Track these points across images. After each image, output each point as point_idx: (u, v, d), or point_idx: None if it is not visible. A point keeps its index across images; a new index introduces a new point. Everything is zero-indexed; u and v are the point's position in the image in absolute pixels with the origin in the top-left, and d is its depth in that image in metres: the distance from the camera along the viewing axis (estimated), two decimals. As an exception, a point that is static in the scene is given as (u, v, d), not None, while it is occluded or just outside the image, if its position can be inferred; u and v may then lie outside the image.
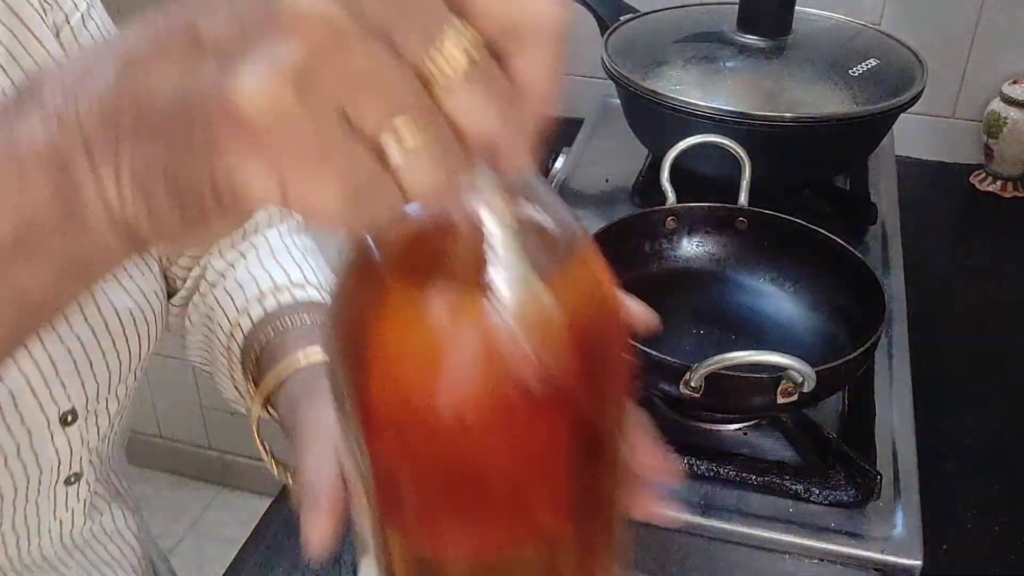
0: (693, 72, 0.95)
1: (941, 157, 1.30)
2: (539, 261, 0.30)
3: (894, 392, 0.73)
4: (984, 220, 1.20)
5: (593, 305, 0.32)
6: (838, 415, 0.72)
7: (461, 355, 0.30)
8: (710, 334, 0.76)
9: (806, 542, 0.61)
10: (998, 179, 1.22)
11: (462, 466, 0.32)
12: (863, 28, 1.05)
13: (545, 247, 0.31)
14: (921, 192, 1.22)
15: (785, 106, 0.90)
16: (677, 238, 0.82)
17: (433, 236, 0.31)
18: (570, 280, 0.31)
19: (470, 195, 0.29)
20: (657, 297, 0.79)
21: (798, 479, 0.63)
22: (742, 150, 0.81)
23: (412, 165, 0.26)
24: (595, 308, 0.32)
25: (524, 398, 0.30)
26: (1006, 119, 1.18)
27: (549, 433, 0.32)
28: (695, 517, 0.63)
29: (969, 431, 0.84)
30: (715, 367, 0.60)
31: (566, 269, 0.32)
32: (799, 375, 0.60)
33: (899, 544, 0.60)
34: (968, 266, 1.10)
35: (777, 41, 0.98)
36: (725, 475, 0.65)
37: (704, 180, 0.92)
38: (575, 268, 0.32)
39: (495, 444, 0.31)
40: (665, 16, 1.08)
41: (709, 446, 0.68)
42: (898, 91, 0.92)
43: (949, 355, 0.93)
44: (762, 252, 0.81)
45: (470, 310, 0.30)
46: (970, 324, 0.98)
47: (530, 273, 0.29)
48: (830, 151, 0.95)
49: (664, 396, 0.71)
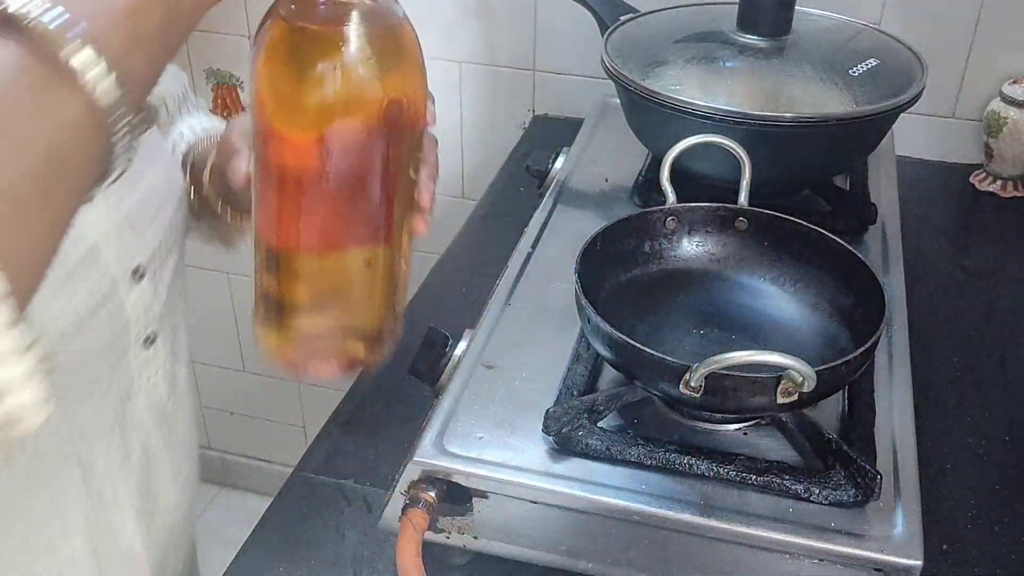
0: (693, 72, 0.95)
1: (941, 157, 1.30)
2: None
3: (894, 392, 0.73)
4: (984, 220, 1.20)
5: (396, 81, 0.47)
6: (838, 415, 0.72)
7: (315, 78, 0.44)
8: (710, 334, 0.76)
9: (806, 542, 0.61)
10: (998, 179, 1.22)
11: (302, 169, 0.47)
12: (863, 28, 1.05)
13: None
14: (921, 192, 1.22)
15: (785, 106, 0.90)
16: (677, 238, 0.82)
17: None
18: (392, 51, 0.47)
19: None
20: (657, 297, 0.80)
21: (798, 479, 0.64)
22: (742, 150, 0.81)
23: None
24: (398, 82, 0.47)
25: (350, 121, 0.45)
26: (1006, 119, 1.18)
27: (364, 154, 0.47)
28: (694, 517, 0.63)
29: (969, 431, 0.84)
30: (715, 367, 0.60)
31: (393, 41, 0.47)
32: (799, 375, 0.60)
33: (899, 544, 0.60)
34: (968, 266, 1.10)
35: (777, 41, 0.98)
36: (725, 475, 0.65)
37: (704, 180, 0.92)
38: (398, 41, 0.47)
39: (325, 152, 0.46)
40: (665, 16, 1.08)
41: (709, 446, 0.68)
42: (898, 91, 0.92)
43: (949, 355, 0.93)
44: (762, 252, 0.81)
45: (327, 47, 0.44)
46: (970, 324, 0.98)
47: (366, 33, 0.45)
48: (830, 151, 0.95)
49: (664, 396, 0.71)
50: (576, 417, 0.67)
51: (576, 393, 0.71)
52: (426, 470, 0.66)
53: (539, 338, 0.79)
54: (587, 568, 0.67)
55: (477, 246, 1.12)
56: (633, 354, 0.65)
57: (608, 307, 0.71)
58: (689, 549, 0.64)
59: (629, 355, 0.65)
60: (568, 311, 0.74)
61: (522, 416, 0.70)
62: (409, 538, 0.64)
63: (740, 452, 0.67)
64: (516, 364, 0.75)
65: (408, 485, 0.67)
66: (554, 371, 0.74)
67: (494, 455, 0.67)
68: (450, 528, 0.68)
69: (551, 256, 0.89)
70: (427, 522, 0.65)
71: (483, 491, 0.66)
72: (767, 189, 0.83)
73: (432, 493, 0.66)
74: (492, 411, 0.71)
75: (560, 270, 0.87)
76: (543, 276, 0.86)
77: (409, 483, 0.67)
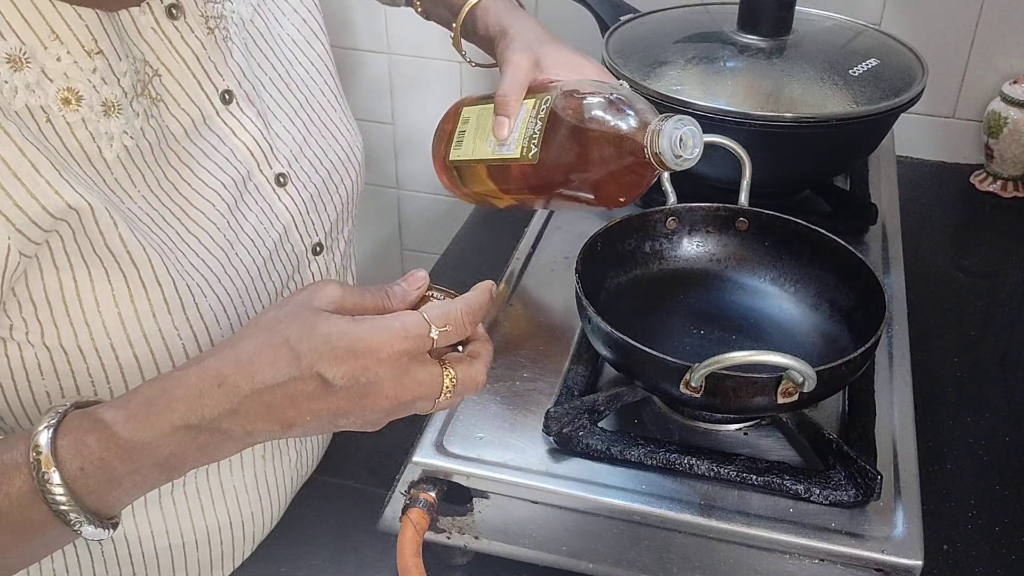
0: (693, 72, 0.95)
1: (941, 157, 1.30)
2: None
3: (894, 392, 0.73)
4: (984, 220, 1.20)
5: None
6: (838, 415, 0.72)
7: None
8: (710, 334, 0.76)
9: (806, 542, 0.61)
10: (998, 179, 1.22)
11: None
12: (863, 28, 1.05)
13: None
14: (921, 192, 1.22)
15: (785, 106, 0.90)
16: (677, 238, 0.82)
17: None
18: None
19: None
20: (657, 297, 0.80)
21: (798, 479, 0.64)
22: (742, 150, 0.81)
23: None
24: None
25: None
26: (1006, 119, 1.18)
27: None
28: (695, 517, 0.63)
29: (969, 431, 0.84)
30: (715, 367, 0.60)
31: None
32: (799, 375, 0.60)
33: (899, 544, 0.60)
34: (968, 266, 1.10)
35: (777, 41, 0.98)
36: (725, 475, 0.65)
37: (704, 180, 0.92)
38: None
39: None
40: (665, 16, 1.08)
41: (709, 446, 0.68)
42: (898, 91, 0.92)
43: (949, 355, 0.93)
44: (762, 252, 0.81)
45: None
46: (970, 324, 0.98)
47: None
48: (830, 151, 0.95)
49: (664, 396, 0.71)
50: (576, 417, 0.67)
51: (576, 393, 0.71)
52: (426, 470, 0.66)
53: (539, 338, 0.79)
54: (588, 568, 0.67)
55: (477, 246, 1.12)
56: (633, 354, 0.65)
57: (608, 307, 0.71)
58: (689, 549, 0.64)
59: (629, 355, 0.65)
60: (568, 311, 0.74)
61: (522, 416, 0.70)
62: (409, 538, 0.64)
63: (740, 452, 0.67)
64: (516, 364, 0.75)
65: (408, 485, 0.67)
66: (554, 371, 0.74)
67: (494, 455, 0.67)
68: (450, 528, 0.68)
69: (551, 256, 0.89)
70: (427, 522, 0.65)
71: (483, 491, 0.66)
72: (767, 189, 0.83)
73: (432, 493, 0.66)
74: (492, 411, 0.71)
75: (560, 270, 0.87)
76: (543, 276, 0.86)
77: (409, 483, 0.67)
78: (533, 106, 0.71)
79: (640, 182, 0.68)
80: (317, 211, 0.72)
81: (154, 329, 0.58)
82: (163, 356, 0.59)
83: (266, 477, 0.73)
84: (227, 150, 0.65)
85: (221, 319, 0.62)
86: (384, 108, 1.53)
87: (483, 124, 0.75)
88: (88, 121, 0.55)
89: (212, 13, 0.64)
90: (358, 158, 0.78)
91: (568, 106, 0.69)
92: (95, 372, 0.57)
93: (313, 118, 0.74)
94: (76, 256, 0.54)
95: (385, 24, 1.45)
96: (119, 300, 0.56)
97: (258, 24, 0.70)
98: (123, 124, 0.57)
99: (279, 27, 0.73)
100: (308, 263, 0.73)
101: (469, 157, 0.75)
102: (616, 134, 0.66)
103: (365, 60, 1.49)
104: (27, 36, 0.52)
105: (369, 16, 1.45)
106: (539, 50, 0.76)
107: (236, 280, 0.63)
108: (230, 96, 0.65)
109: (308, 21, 0.76)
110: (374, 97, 1.52)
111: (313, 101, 0.74)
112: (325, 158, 0.74)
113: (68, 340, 0.56)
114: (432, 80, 1.47)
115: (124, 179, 0.57)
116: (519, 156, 0.70)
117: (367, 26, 1.46)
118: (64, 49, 0.54)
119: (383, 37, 1.46)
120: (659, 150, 0.64)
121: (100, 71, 0.56)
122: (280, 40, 0.72)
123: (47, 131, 0.53)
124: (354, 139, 0.78)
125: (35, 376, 0.57)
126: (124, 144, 0.57)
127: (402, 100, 1.52)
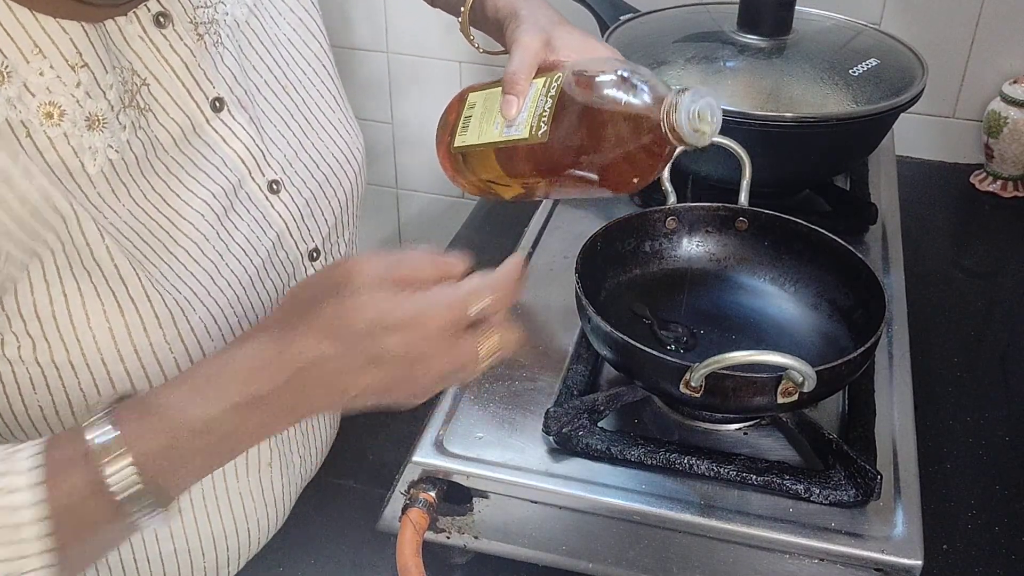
0: (693, 72, 0.95)
1: (941, 157, 1.30)
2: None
3: (894, 392, 0.73)
4: (984, 220, 1.20)
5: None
6: (838, 415, 0.72)
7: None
8: (710, 334, 0.76)
9: (806, 542, 0.61)
10: (998, 179, 1.22)
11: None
12: (863, 28, 1.05)
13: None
14: (921, 192, 1.22)
15: (785, 106, 0.90)
16: (677, 238, 0.82)
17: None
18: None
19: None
20: (657, 297, 0.80)
21: (798, 479, 0.64)
22: (742, 150, 0.81)
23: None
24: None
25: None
26: (1006, 119, 1.18)
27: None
28: (695, 517, 0.63)
29: (969, 431, 0.84)
30: (715, 367, 0.60)
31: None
32: (799, 375, 0.60)
33: (899, 544, 0.60)
34: (968, 266, 1.10)
35: (777, 41, 0.98)
36: (725, 475, 0.65)
37: (704, 180, 0.92)
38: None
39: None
40: (665, 16, 1.08)
41: (709, 446, 0.68)
42: (898, 91, 0.92)
43: (949, 355, 0.93)
44: (762, 252, 0.81)
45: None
46: (970, 324, 0.98)
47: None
48: (830, 151, 0.95)
49: (664, 396, 0.71)
50: (576, 417, 0.67)
51: (576, 393, 0.71)
52: (426, 470, 0.66)
53: (539, 338, 0.79)
54: (587, 568, 0.67)
55: (477, 246, 1.12)
56: (633, 354, 0.65)
57: (608, 307, 0.71)
58: (689, 549, 0.64)
59: (629, 355, 0.65)
60: (568, 311, 0.74)
61: (522, 416, 0.70)
62: (409, 538, 0.63)
63: (740, 452, 0.67)
64: (516, 364, 0.75)
65: (408, 485, 0.67)
66: (554, 371, 0.74)
67: (494, 455, 0.67)
68: (450, 528, 0.68)
69: (551, 256, 0.89)
70: (427, 522, 0.65)
71: (483, 491, 0.66)
72: (767, 189, 0.83)
73: (432, 493, 0.66)
74: (492, 411, 0.71)
75: (560, 270, 0.87)
76: (543, 276, 0.86)
77: (409, 483, 0.67)
78: (543, 85, 0.69)
79: (655, 162, 0.65)
80: (313, 216, 0.72)
81: (145, 343, 0.57)
82: (155, 370, 0.58)
83: (271, 483, 0.72)
84: (218, 159, 0.64)
85: (212, 331, 0.61)
86: (383, 107, 1.53)
87: (490, 107, 0.72)
88: (71, 136, 0.54)
89: (202, 19, 0.63)
90: (358, 159, 0.77)
91: (579, 83, 0.66)
92: (87, 387, 0.57)
93: (310, 120, 0.73)
94: (66, 270, 0.54)
95: (384, 23, 1.45)
96: (109, 315, 0.56)
97: (254, 25, 0.70)
98: (108, 138, 0.56)
99: (275, 28, 0.72)
100: (305, 270, 0.72)
101: (475, 142, 0.73)
102: (631, 111, 0.63)
103: (364, 59, 1.49)
104: (9, 50, 0.52)
105: (368, 15, 1.45)
106: (551, 31, 0.74)
107: (227, 291, 0.63)
108: (221, 104, 0.64)
109: (305, 21, 0.75)
110: (373, 96, 1.52)
111: (310, 102, 0.73)
112: (322, 161, 0.73)
113: (60, 355, 0.55)
114: (431, 79, 1.47)
115: (108, 193, 0.56)
116: (528, 136, 0.67)
117: (366, 25, 1.46)
118: (47, 63, 0.53)
119: (382, 36, 1.46)
120: (677, 124, 0.61)
121: (84, 85, 0.55)
122: (276, 41, 0.72)
123: (27, 146, 0.52)
124: (354, 140, 0.77)
125: (27, 391, 0.57)
126: (109, 158, 0.56)
127: (401, 99, 1.52)
